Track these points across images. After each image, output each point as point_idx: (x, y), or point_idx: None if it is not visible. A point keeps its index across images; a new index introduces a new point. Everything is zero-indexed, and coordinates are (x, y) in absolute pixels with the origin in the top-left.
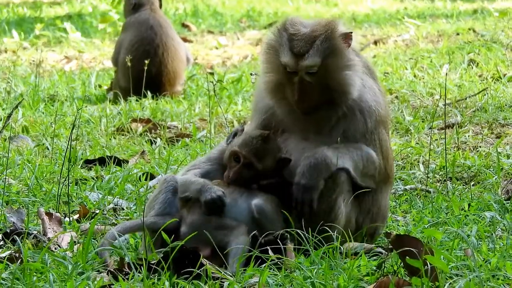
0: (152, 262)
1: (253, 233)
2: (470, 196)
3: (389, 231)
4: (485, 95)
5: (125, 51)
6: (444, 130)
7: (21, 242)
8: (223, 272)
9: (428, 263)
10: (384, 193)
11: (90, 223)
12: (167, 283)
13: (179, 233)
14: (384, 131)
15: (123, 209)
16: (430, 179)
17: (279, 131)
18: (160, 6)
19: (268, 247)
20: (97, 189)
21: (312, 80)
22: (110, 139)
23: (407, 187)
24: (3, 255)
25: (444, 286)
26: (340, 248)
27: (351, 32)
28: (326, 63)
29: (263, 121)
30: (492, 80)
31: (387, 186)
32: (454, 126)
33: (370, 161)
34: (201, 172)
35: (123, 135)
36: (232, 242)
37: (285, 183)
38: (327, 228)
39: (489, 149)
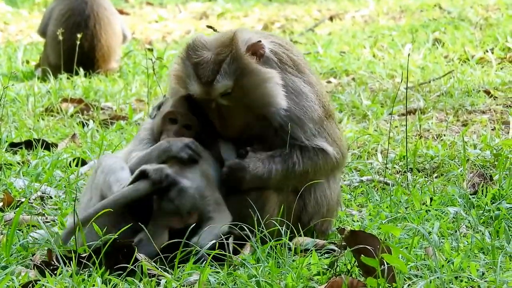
0: (83, 255)
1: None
2: (432, 189)
3: (342, 227)
4: (451, 78)
5: (54, 22)
6: (405, 116)
7: None
8: (160, 269)
9: (385, 262)
10: (336, 182)
11: (15, 213)
12: (98, 280)
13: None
14: (331, 122)
15: (51, 197)
16: (389, 170)
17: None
18: None
19: (225, 242)
20: (23, 175)
21: (230, 103)
22: (38, 120)
23: (364, 178)
24: None
25: (402, 287)
26: (288, 244)
27: (260, 41)
28: (240, 84)
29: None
30: (459, 62)
31: (339, 174)
32: (416, 112)
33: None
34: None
35: (52, 116)
36: (216, 219)
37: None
38: (273, 221)
39: (454, 138)
